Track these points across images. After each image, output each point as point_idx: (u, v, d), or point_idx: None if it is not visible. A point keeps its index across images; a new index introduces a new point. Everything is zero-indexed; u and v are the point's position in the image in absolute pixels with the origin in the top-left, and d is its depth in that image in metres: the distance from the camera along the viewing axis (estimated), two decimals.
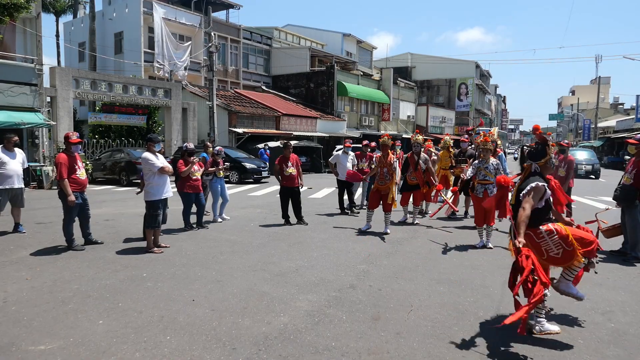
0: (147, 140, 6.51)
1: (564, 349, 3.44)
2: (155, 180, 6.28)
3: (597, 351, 3.43)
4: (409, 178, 8.71)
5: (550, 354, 3.37)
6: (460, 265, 5.77)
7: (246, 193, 14.20)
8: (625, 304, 4.43)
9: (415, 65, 53.43)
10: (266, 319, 3.95)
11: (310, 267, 5.62)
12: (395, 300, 4.46)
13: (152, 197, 6.29)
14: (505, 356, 3.33)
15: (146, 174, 6.32)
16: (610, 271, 5.60)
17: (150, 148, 6.39)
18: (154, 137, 6.49)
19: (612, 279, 5.29)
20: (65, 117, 18.05)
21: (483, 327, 3.82)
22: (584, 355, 3.36)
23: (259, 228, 8.21)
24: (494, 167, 6.98)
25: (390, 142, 8.11)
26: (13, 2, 12.16)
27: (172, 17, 27.34)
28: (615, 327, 3.87)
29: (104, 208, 10.49)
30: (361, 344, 3.47)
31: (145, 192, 6.35)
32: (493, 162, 7.04)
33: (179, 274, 5.28)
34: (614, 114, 59.09)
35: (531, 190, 3.62)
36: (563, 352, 3.39)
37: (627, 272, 5.61)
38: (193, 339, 3.54)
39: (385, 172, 7.79)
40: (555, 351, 3.41)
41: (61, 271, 5.34)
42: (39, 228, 8.00)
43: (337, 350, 3.36)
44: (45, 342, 3.46)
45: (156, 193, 6.30)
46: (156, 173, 6.26)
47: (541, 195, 3.64)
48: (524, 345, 3.49)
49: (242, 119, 24.32)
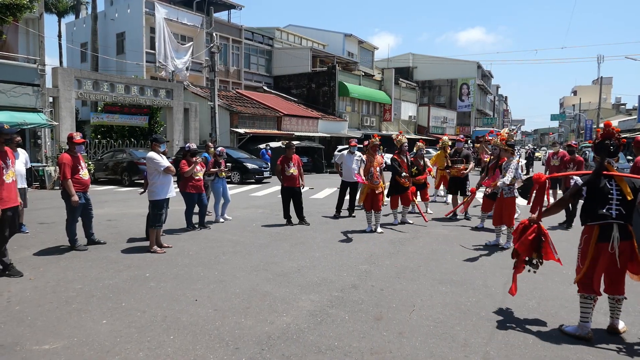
0: (152, 141, 6.54)
1: (566, 349, 3.45)
2: (160, 180, 6.34)
3: (599, 351, 3.43)
4: (400, 179, 8.57)
5: (552, 354, 3.37)
6: (462, 266, 5.77)
7: (248, 193, 14.23)
8: (628, 304, 4.41)
9: (417, 65, 53.43)
10: (269, 318, 3.96)
11: (312, 267, 5.63)
12: (397, 300, 4.47)
13: (156, 197, 6.35)
14: (507, 356, 3.33)
15: (151, 173, 6.35)
16: None
17: (155, 148, 6.44)
18: (159, 138, 6.55)
19: None
20: (67, 117, 18.10)
21: (485, 327, 3.82)
22: (586, 355, 3.37)
23: (260, 228, 8.22)
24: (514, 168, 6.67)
25: (379, 142, 8.16)
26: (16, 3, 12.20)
27: (174, 18, 27.40)
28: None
29: (106, 208, 10.52)
30: (364, 344, 3.48)
31: (150, 191, 6.40)
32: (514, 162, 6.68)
33: (182, 274, 5.30)
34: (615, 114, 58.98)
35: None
36: (564, 352, 3.39)
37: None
38: (196, 338, 3.56)
39: (379, 172, 7.90)
40: (557, 351, 3.42)
41: (64, 271, 5.36)
42: (42, 228, 8.03)
43: (340, 350, 3.38)
44: (49, 341, 3.48)
45: (160, 192, 6.36)
46: (161, 173, 6.31)
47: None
48: (526, 345, 3.49)
49: (243, 119, 24.36)
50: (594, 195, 3.70)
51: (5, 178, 5.06)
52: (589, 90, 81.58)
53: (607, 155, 3.72)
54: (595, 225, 3.68)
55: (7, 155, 5.19)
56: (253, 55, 33.60)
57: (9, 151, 5.31)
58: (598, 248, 3.65)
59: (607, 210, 3.61)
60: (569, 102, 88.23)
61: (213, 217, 8.96)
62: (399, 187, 8.64)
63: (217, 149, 8.99)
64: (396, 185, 8.66)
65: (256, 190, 15.02)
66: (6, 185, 5.07)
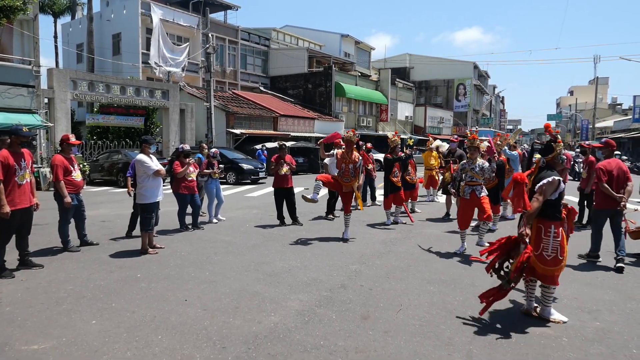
0: (141, 142, 6.50)
1: (548, 347, 3.50)
2: (150, 183, 6.27)
3: (580, 349, 3.49)
4: (394, 179, 8.48)
5: (534, 351, 3.43)
6: (451, 266, 5.83)
7: (243, 194, 14.26)
8: (612, 303, 4.49)
9: (414, 65, 53.51)
10: (257, 318, 4.00)
11: (303, 267, 5.68)
12: (385, 299, 4.52)
13: (146, 200, 6.30)
14: (490, 354, 3.39)
15: (140, 176, 6.29)
16: (599, 271, 5.66)
17: (144, 150, 6.39)
18: (148, 139, 6.50)
19: (601, 278, 5.36)
20: (62, 118, 18.09)
21: (470, 326, 3.88)
22: (567, 353, 3.42)
23: (254, 229, 8.26)
24: (480, 168, 6.60)
25: (356, 138, 7.67)
26: (9, 5, 12.19)
27: (170, 19, 27.39)
28: (601, 325, 3.94)
29: (100, 209, 10.54)
30: (349, 343, 3.53)
31: (139, 194, 6.36)
32: (480, 163, 6.64)
33: (173, 274, 5.34)
34: (612, 114, 59.24)
35: (545, 184, 3.87)
36: (547, 350, 3.45)
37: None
38: (184, 338, 3.60)
39: (351, 169, 7.32)
40: (539, 349, 3.47)
41: (56, 272, 5.40)
42: (35, 229, 8.00)
43: (325, 349, 3.42)
44: (38, 341, 3.52)
45: (151, 196, 6.30)
46: (150, 176, 6.26)
47: (554, 188, 3.90)
48: (509, 343, 3.55)
49: (239, 120, 24.38)
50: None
51: (19, 179, 5.17)
52: (585, 90, 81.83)
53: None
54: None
55: (23, 157, 5.28)
56: (249, 56, 33.62)
57: (27, 152, 5.40)
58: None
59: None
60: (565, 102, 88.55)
61: (207, 218, 9.00)
62: (392, 186, 8.53)
63: (211, 150, 9.03)
64: (389, 185, 8.53)
65: (251, 191, 15.05)
66: (19, 187, 5.19)
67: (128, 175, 7.34)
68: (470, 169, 6.61)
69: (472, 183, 6.60)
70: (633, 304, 4.47)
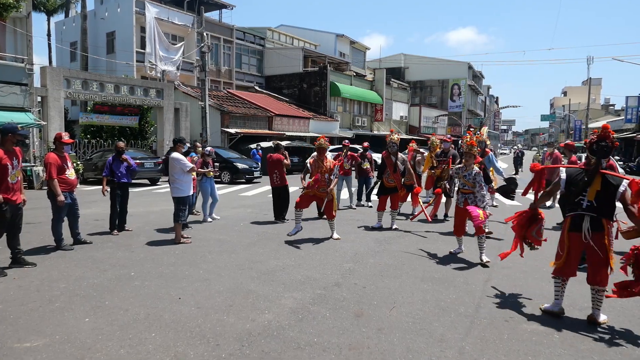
0: (176, 142, 7.19)
1: (539, 344, 3.54)
2: (185, 178, 6.92)
3: (571, 345, 3.53)
4: (386, 180, 8.12)
5: (526, 347, 3.46)
6: (445, 264, 5.86)
7: (237, 193, 14.25)
8: (613, 299, 4.52)
9: (409, 66, 53.72)
10: (251, 316, 4.01)
11: (297, 265, 5.69)
12: (378, 297, 4.54)
13: (182, 194, 6.92)
14: (482, 350, 3.42)
15: (176, 172, 6.86)
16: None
17: (178, 149, 7.06)
18: (182, 139, 7.25)
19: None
20: (56, 117, 17.98)
21: (463, 323, 3.91)
22: (558, 349, 3.46)
23: (248, 227, 8.27)
24: (472, 177, 6.14)
25: (328, 144, 7.48)
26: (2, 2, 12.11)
27: (165, 17, 27.31)
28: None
29: (94, 208, 10.50)
30: (342, 340, 3.55)
31: (176, 189, 6.92)
32: (475, 170, 6.17)
33: (167, 272, 5.34)
34: (604, 114, 59.66)
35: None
36: (538, 347, 3.48)
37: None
38: (178, 335, 3.60)
39: (327, 178, 7.17)
40: (531, 345, 3.50)
41: (49, 270, 5.37)
42: (28, 228, 7.99)
43: (319, 346, 3.44)
44: (30, 339, 3.51)
45: (186, 190, 6.96)
46: (185, 172, 6.85)
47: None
48: (501, 340, 3.58)
49: (234, 119, 24.34)
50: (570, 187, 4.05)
51: (10, 179, 5.15)
52: (578, 91, 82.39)
53: (601, 156, 3.96)
54: (568, 217, 4.11)
55: (16, 155, 5.26)
56: (244, 55, 33.57)
57: (18, 151, 5.37)
58: (570, 237, 4.05)
59: (579, 201, 3.98)
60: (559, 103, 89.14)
61: (201, 217, 8.98)
62: (386, 188, 8.21)
63: (206, 148, 9.02)
64: (383, 186, 8.28)
65: (246, 190, 15.04)
66: (11, 185, 5.19)
67: (104, 175, 7.83)
68: (462, 176, 6.26)
69: (465, 191, 6.26)
70: (623, 301, 4.51)
